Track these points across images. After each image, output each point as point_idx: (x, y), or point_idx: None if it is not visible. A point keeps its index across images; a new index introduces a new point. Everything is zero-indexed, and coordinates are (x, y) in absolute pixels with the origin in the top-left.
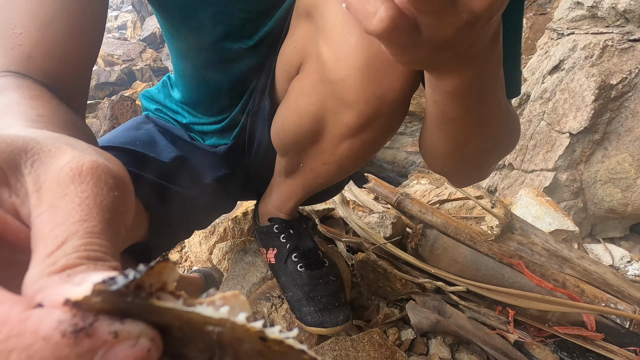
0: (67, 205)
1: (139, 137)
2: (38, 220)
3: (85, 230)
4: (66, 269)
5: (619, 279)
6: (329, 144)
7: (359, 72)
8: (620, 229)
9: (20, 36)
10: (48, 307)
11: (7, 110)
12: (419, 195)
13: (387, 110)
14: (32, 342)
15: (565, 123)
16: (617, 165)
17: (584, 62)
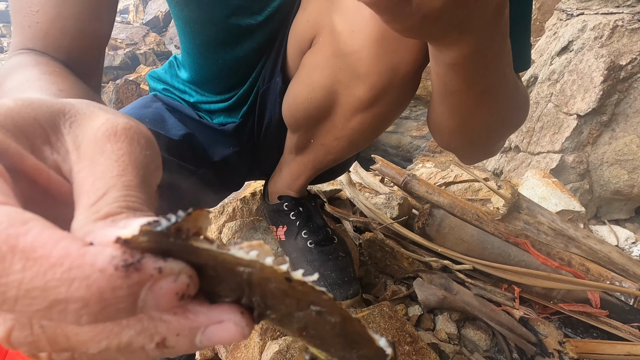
0: (105, 161)
1: (147, 115)
2: (79, 175)
3: (123, 184)
4: (109, 216)
5: (624, 258)
6: (341, 118)
7: (373, 43)
8: (625, 211)
9: (36, 14)
10: (102, 245)
11: (30, 86)
12: (425, 178)
13: (399, 83)
14: (90, 273)
15: (573, 105)
16: (625, 146)
17: (593, 43)
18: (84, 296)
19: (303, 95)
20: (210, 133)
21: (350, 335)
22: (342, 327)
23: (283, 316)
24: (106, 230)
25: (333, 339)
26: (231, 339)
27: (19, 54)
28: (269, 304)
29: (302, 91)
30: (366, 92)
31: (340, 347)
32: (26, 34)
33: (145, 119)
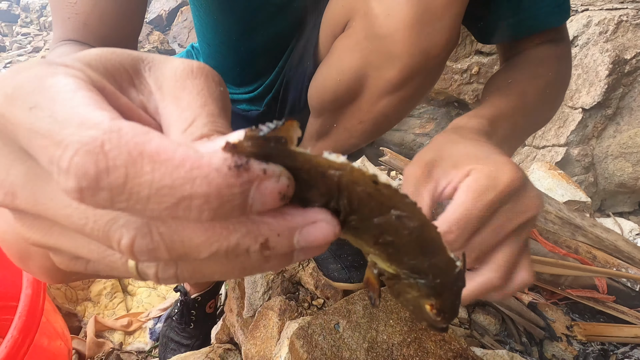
0: (187, 95)
1: None
2: (165, 110)
3: (207, 112)
4: (203, 137)
5: (630, 246)
6: (368, 100)
7: (408, 26)
8: (629, 204)
9: (75, 6)
10: (214, 150)
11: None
12: None
13: (429, 65)
14: (209, 172)
15: (578, 98)
16: (629, 139)
17: (598, 38)
18: (205, 192)
19: (332, 78)
20: (233, 118)
21: (425, 242)
22: (419, 232)
23: (364, 221)
24: (205, 145)
25: (408, 246)
26: (325, 237)
27: (60, 45)
28: (354, 207)
29: (332, 74)
30: (397, 74)
31: (414, 255)
32: (66, 25)
33: None
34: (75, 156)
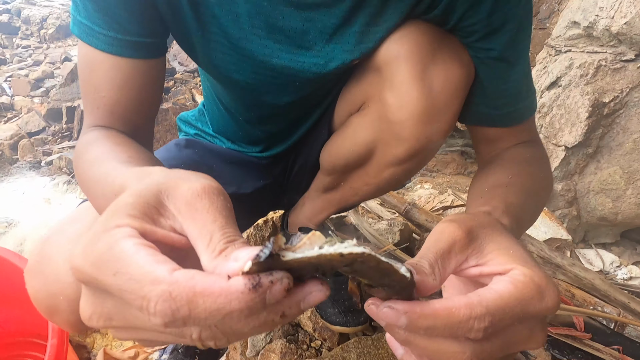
0: (200, 215)
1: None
2: (188, 229)
3: (218, 227)
4: (221, 252)
5: (606, 285)
6: (375, 168)
7: (417, 117)
8: (611, 235)
9: (104, 98)
10: (235, 278)
11: (107, 157)
12: (424, 200)
13: (430, 147)
14: (237, 295)
15: (561, 137)
16: (609, 177)
17: (579, 80)
18: (238, 307)
19: (346, 147)
20: (244, 164)
21: (382, 270)
22: (376, 266)
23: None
24: (226, 264)
25: (372, 274)
26: (320, 299)
27: (91, 130)
28: (332, 270)
29: (346, 144)
30: (403, 152)
31: (377, 277)
32: (95, 114)
33: (181, 164)
34: (157, 305)
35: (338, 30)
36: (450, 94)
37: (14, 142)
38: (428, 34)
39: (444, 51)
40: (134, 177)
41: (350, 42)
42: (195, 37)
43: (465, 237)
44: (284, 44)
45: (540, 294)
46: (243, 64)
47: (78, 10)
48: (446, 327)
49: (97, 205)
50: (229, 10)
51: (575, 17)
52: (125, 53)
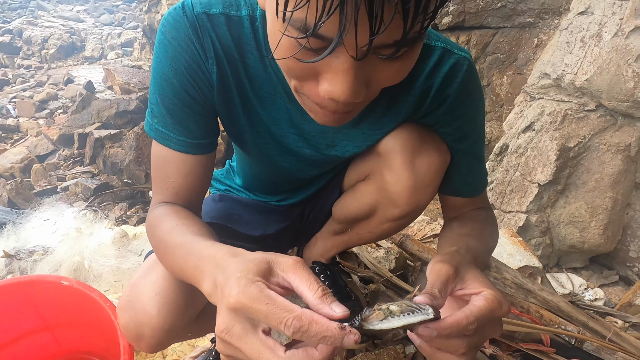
0: (300, 273)
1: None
2: (294, 282)
3: (314, 279)
4: (323, 295)
5: (569, 307)
6: (376, 222)
7: (408, 189)
8: (581, 261)
9: (172, 182)
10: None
11: (179, 230)
12: (416, 228)
13: (418, 209)
14: (335, 333)
15: (534, 175)
16: (576, 210)
17: (549, 126)
18: (331, 336)
19: (354, 206)
20: (267, 211)
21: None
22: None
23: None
24: (325, 308)
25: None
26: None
27: (160, 206)
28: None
29: (354, 203)
30: (398, 213)
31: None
32: (164, 193)
33: (218, 215)
34: (293, 321)
35: (349, 132)
36: (432, 175)
37: (25, 165)
38: (416, 131)
39: (428, 144)
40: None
41: (359, 140)
42: (247, 134)
43: (454, 272)
44: (310, 140)
45: (500, 305)
46: (283, 152)
47: (157, 121)
48: (456, 331)
49: (171, 263)
50: (272, 116)
51: (546, 69)
52: (192, 152)
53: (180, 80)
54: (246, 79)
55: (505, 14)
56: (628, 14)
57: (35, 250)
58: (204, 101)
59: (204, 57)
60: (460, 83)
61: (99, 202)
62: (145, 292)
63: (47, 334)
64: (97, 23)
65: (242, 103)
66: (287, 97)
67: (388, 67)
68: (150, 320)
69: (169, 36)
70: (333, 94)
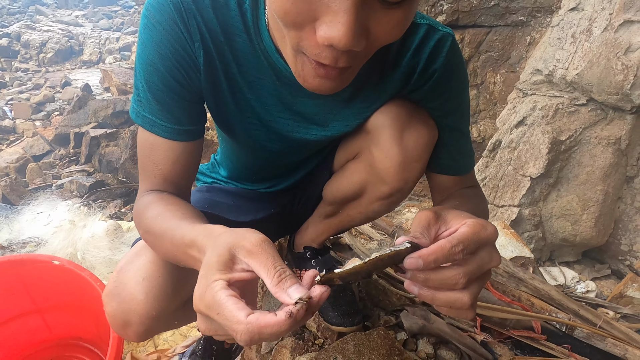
0: (257, 258)
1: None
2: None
3: (270, 264)
4: (280, 282)
5: (560, 295)
6: (366, 201)
7: (397, 165)
8: (573, 255)
9: (160, 169)
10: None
11: (167, 215)
12: (410, 223)
13: (408, 187)
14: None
15: (527, 169)
16: (567, 204)
17: (541, 120)
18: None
19: (344, 185)
20: (257, 198)
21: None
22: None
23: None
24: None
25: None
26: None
27: (148, 194)
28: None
29: (344, 182)
30: (387, 190)
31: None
32: (152, 181)
33: (205, 206)
34: (242, 335)
35: (340, 112)
36: (421, 150)
37: (20, 165)
38: (404, 107)
39: (416, 119)
40: (202, 234)
41: (349, 119)
42: (235, 120)
43: (435, 215)
44: (301, 122)
45: (484, 227)
46: (272, 137)
47: (143, 107)
48: (442, 256)
49: (163, 250)
50: (261, 101)
51: (538, 66)
52: (179, 138)
53: (166, 66)
54: (234, 62)
55: (498, 12)
56: (617, 8)
57: (28, 242)
58: (191, 86)
59: (189, 41)
60: (445, 58)
61: (93, 199)
62: (133, 277)
63: (38, 317)
64: (95, 28)
65: (229, 87)
66: (276, 79)
67: (387, 17)
68: (137, 306)
69: (154, 20)
70: (333, 38)
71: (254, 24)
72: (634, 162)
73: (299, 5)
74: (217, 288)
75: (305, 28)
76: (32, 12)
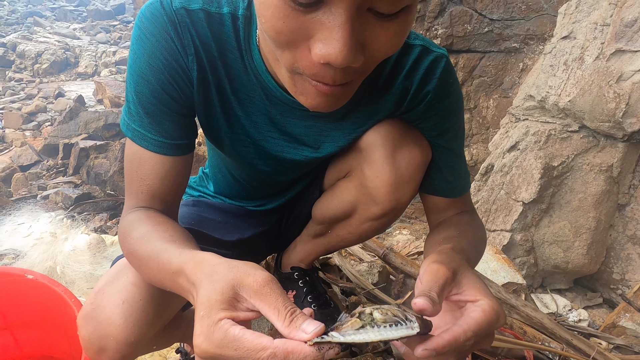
0: (266, 299)
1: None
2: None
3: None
4: (292, 322)
5: (552, 323)
6: (357, 221)
7: (388, 185)
8: (565, 282)
9: (147, 185)
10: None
11: (153, 236)
12: (401, 245)
13: (399, 207)
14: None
15: (519, 193)
16: (560, 230)
17: (533, 146)
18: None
19: (334, 204)
20: (244, 215)
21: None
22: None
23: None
24: (298, 333)
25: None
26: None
27: (133, 211)
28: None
29: (334, 201)
30: (378, 211)
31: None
32: (139, 197)
33: (192, 222)
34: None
35: (331, 133)
36: (413, 171)
37: (7, 175)
38: (397, 126)
39: (409, 139)
40: (191, 262)
41: (340, 139)
42: (225, 136)
43: (452, 276)
44: (291, 143)
45: (497, 317)
46: (262, 156)
47: (133, 119)
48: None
49: (149, 275)
50: (251, 119)
51: (531, 92)
52: (169, 153)
53: (158, 78)
54: (226, 78)
55: (492, 38)
56: (609, 38)
57: (6, 254)
58: (183, 100)
59: (183, 54)
60: (439, 79)
61: (79, 212)
62: (112, 299)
63: (7, 333)
64: (92, 41)
65: (221, 104)
66: (266, 99)
67: (384, 30)
68: (115, 331)
69: (146, 31)
70: (329, 55)
71: (245, 42)
72: (625, 190)
73: (290, 23)
74: (227, 326)
75: (299, 47)
76: (30, 23)
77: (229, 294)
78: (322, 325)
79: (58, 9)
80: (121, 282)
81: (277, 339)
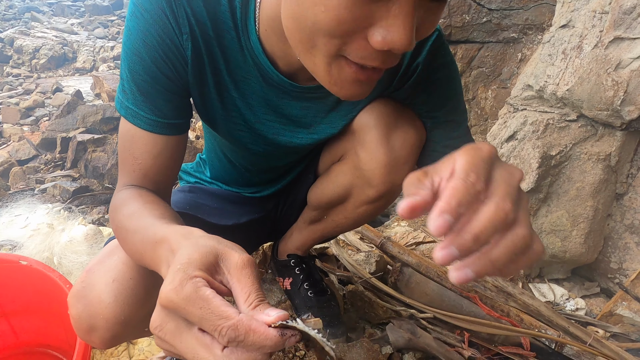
0: (243, 278)
1: (189, 201)
2: (233, 286)
3: (254, 289)
4: (256, 306)
5: (550, 311)
6: (352, 206)
7: (383, 166)
8: (563, 272)
9: (140, 164)
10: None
11: (143, 212)
12: (399, 236)
13: (395, 190)
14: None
15: None
16: (557, 219)
17: (531, 135)
18: (270, 345)
19: (329, 189)
20: (240, 201)
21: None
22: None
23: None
24: (261, 315)
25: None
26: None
27: (125, 188)
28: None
29: (329, 186)
30: (373, 194)
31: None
32: (131, 175)
33: (187, 207)
34: (227, 330)
35: (327, 115)
36: (408, 152)
37: (5, 169)
38: (390, 107)
39: (403, 120)
40: (178, 233)
41: (336, 122)
42: (219, 118)
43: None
44: (287, 125)
45: (477, 147)
46: (256, 139)
47: (127, 97)
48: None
49: (132, 249)
50: (246, 101)
51: (529, 81)
52: (162, 132)
53: (151, 56)
54: (221, 59)
55: (490, 29)
56: (608, 25)
57: (3, 245)
58: (177, 79)
59: (178, 32)
60: (428, 52)
61: (76, 205)
62: (102, 278)
63: (4, 321)
64: (90, 36)
65: (215, 84)
66: (263, 81)
67: (433, 14)
68: (105, 309)
69: (142, 8)
70: (394, 42)
71: (242, 22)
72: (623, 179)
73: (357, 12)
74: (200, 284)
75: (354, 35)
76: (27, 18)
77: (210, 259)
78: (286, 313)
79: (56, 4)
80: (112, 261)
81: (243, 314)
